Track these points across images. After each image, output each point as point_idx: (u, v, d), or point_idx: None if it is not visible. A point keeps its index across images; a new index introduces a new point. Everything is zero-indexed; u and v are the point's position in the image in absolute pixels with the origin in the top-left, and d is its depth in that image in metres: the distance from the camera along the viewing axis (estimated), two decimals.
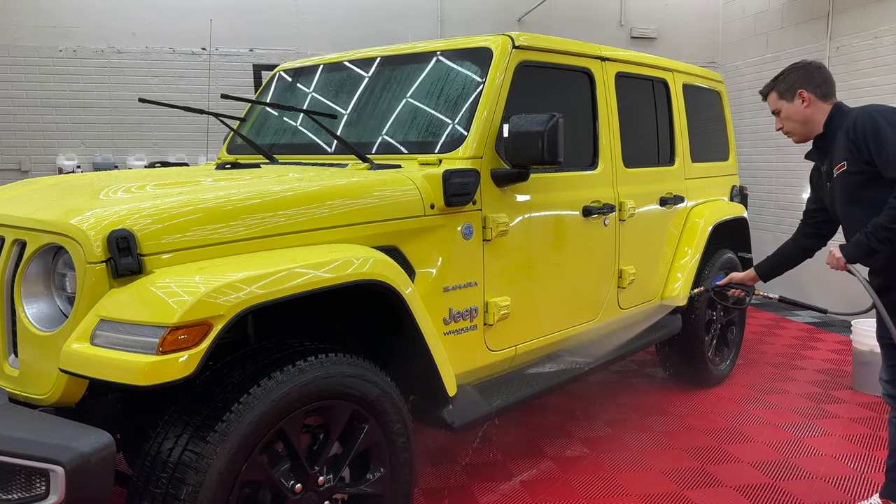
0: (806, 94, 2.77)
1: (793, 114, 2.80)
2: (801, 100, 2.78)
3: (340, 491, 2.28)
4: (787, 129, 2.86)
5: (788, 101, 2.81)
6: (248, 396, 1.95)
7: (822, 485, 3.29)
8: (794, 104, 2.79)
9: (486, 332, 2.95)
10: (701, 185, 4.52)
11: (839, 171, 2.66)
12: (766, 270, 3.19)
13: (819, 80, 2.79)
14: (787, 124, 2.85)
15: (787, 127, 2.86)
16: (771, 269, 3.18)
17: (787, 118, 2.83)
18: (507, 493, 3.20)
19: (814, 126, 2.78)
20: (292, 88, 3.81)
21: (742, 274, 3.25)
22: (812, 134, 2.81)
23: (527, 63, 3.15)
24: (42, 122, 7.06)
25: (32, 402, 2.01)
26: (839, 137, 2.68)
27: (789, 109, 2.80)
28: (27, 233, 2.10)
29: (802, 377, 4.89)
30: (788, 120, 2.83)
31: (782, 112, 2.83)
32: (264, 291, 1.96)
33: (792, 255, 3.12)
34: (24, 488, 1.75)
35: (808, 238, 3.08)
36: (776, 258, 3.17)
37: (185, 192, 2.22)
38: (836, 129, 2.71)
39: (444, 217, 2.73)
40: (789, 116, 2.82)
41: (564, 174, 3.34)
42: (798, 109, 2.79)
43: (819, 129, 2.78)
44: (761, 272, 3.19)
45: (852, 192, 2.66)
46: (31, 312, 2.05)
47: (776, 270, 3.18)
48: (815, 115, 2.77)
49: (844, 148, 2.63)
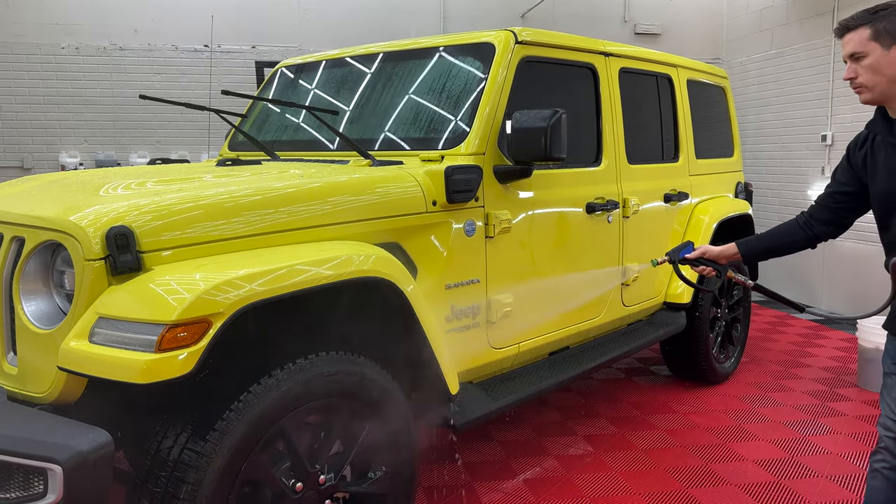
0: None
1: (884, 66, 2.11)
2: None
3: (342, 490, 2.26)
4: (865, 81, 2.16)
5: (884, 48, 2.11)
6: (249, 395, 1.94)
7: (828, 483, 3.26)
8: (890, 54, 2.10)
9: (489, 329, 2.93)
10: (705, 181, 4.49)
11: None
12: (751, 251, 2.58)
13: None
14: (868, 76, 2.14)
15: (865, 78, 2.15)
16: (759, 251, 2.58)
17: (874, 69, 2.12)
18: (511, 492, 3.18)
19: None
20: (294, 85, 3.79)
21: (718, 249, 2.60)
22: (892, 98, 2.17)
23: (530, 58, 3.12)
24: (44, 119, 7.05)
25: (31, 401, 2.00)
26: None
27: (881, 59, 2.10)
28: (26, 230, 2.08)
29: (808, 375, 4.86)
30: (873, 71, 2.13)
31: (868, 58, 2.12)
32: (265, 289, 1.94)
33: (794, 242, 2.53)
34: (22, 487, 1.73)
35: (824, 225, 2.46)
36: (770, 239, 2.56)
37: (185, 189, 2.21)
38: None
39: (446, 214, 2.71)
40: (878, 67, 2.11)
41: (568, 171, 3.31)
42: (893, 62, 2.10)
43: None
44: (745, 251, 2.57)
45: None
46: (30, 310, 2.03)
47: (765, 254, 2.60)
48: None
49: None
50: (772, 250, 2.56)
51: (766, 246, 2.54)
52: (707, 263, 2.60)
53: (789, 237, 2.51)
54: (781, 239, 2.53)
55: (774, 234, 2.55)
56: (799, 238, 2.50)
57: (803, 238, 2.49)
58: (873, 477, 2.20)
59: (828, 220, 2.44)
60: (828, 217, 2.44)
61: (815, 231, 2.46)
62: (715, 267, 2.60)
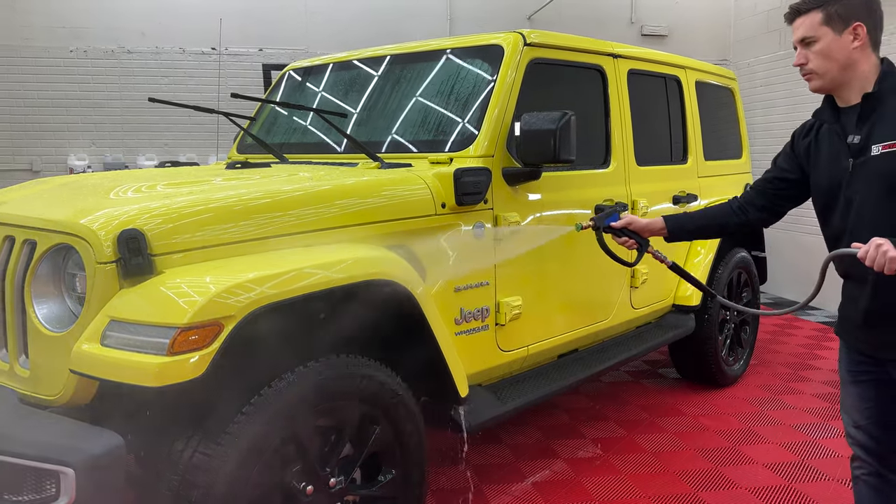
0: (863, 30, 1.99)
1: (835, 51, 2.00)
2: (853, 35, 1.99)
3: (352, 493, 2.26)
4: (816, 67, 2.04)
5: (835, 32, 2.00)
6: (260, 398, 1.94)
7: (839, 486, 3.24)
8: (842, 39, 1.99)
9: (498, 332, 2.93)
10: (714, 183, 4.47)
11: (889, 149, 1.94)
12: (679, 228, 2.47)
13: (878, 19, 2.05)
14: (819, 62, 2.02)
15: (815, 64, 2.04)
16: (687, 230, 2.48)
17: (824, 54, 2.01)
18: (519, 495, 3.17)
19: (853, 75, 2.02)
20: (302, 88, 3.80)
21: (644, 221, 2.50)
22: (843, 85, 2.05)
23: (538, 60, 3.12)
24: (53, 122, 7.08)
25: (43, 403, 2.00)
26: (891, 105, 1.97)
27: (832, 44, 2.00)
28: (37, 233, 2.09)
29: (817, 377, 4.83)
30: (824, 57, 2.01)
31: (819, 44, 2.01)
32: (275, 291, 1.94)
33: (724, 225, 2.42)
34: (34, 490, 1.74)
35: (759, 211, 2.35)
36: (700, 219, 2.46)
37: (195, 192, 2.21)
38: (888, 91, 1.99)
39: (455, 216, 2.71)
40: (828, 53, 2.01)
41: (576, 173, 3.30)
42: (845, 47, 2.00)
43: (857, 81, 2.02)
44: (672, 228, 2.46)
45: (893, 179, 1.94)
46: (42, 313, 2.04)
47: (693, 233, 2.52)
48: (860, 64, 2.01)
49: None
50: (700, 230, 2.50)
51: (696, 225, 2.47)
52: (630, 235, 2.50)
53: (721, 219, 2.42)
54: (711, 220, 2.44)
55: (705, 214, 2.47)
56: (730, 222, 2.40)
57: (735, 222, 2.40)
58: (855, 483, 2.19)
59: (763, 206, 2.35)
60: (763, 203, 2.35)
61: (748, 216, 2.37)
62: (638, 240, 2.49)
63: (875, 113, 1.99)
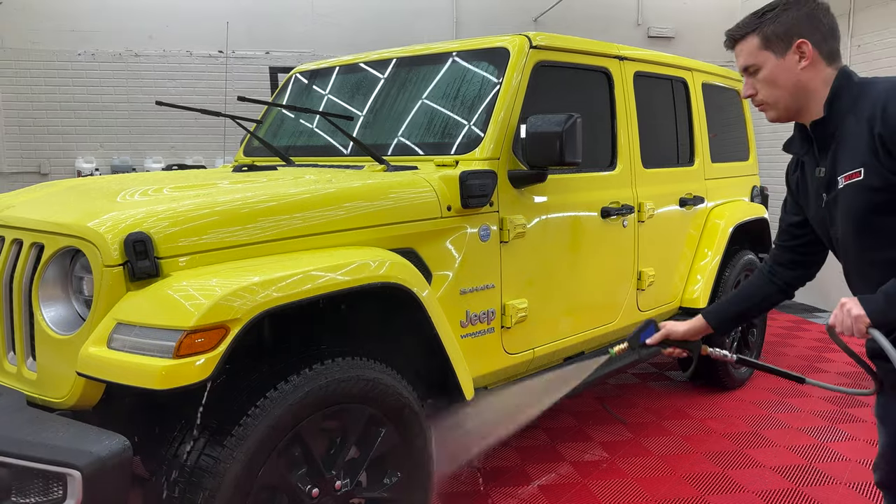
0: (809, 47, 1.73)
1: (781, 76, 1.76)
2: (798, 55, 1.74)
3: (358, 495, 2.26)
4: (765, 97, 1.80)
5: (777, 55, 1.75)
6: (265, 400, 1.94)
7: (847, 490, 3.22)
8: (786, 61, 1.75)
9: (504, 334, 2.92)
10: (721, 185, 4.46)
11: (850, 180, 1.70)
12: (721, 320, 2.16)
13: (827, 29, 1.76)
14: (767, 91, 1.79)
15: (764, 94, 1.79)
16: (730, 317, 2.17)
17: (770, 81, 1.77)
18: (526, 498, 3.16)
19: (808, 99, 1.77)
20: (308, 90, 3.81)
21: (684, 325, 2.16)
22: (801, 111, 1.80)
23: (544, 63, 3.12)
24: (61, 125, 7.13)
25: (50, 406, 2.01)
26: (851, 126, 1.70)
27: (776, 69, 1.75)
28: (45, 236, 2.10)
29: (825, 380, 4.81)
30: (771, 84, 1.77)
31: (762, 71, 1.77)
32: (281, 294, 1.94)
33: (765, 298, 2.13)
34: (41, 492, 1.75)
35: (792, 269, 2.07)
36: (739, 302, 2.17)
37: (201, 195, 2.22)
38: (844, 112, 1.72)
39: (460, 219, 2.71)
40: (774, 79, 1.76)
41: (582, 175, 3.30)
42: (791, 69, 1.74)
43: (817, 103, 1.77)
44: (715, 323, 2.15)
45: (867, 217, 1.70)
46: (49, 316, 2.05)
47: (737, 320, 2.19)
48: (814, 84, 1.75)
49: (864, 145, 1.67)
50: (743, 314, 2.18)
51: (736, 311, 2.16)
52: (674, 344, 2.19)
53: (759, 294, 2.13)
54: (751, 299, 2.15)
55: (742, 295, 2.18)
56: (770, 292, 2.11)
57: (774, 291, 2.11)
58: None
59: (793, 261, 2.06)
60: (792, 258, 2.06)
61: (784, 280, 2.08)
62: (685, 347, 2.20)
63: (834, 139, 1.75)
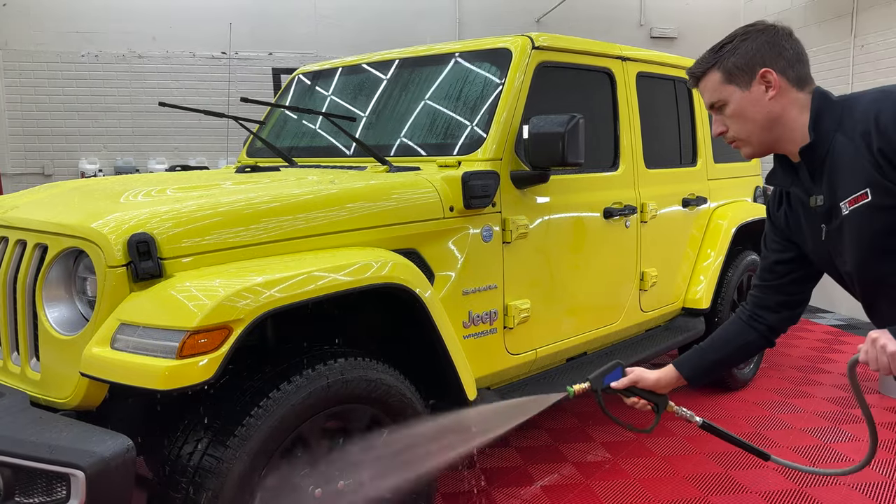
0: (774, 75, 1.65)
1: (749, 109, 1.68)
2: (763, 84, 1.66)
3: (361, 495, 2.26)
4: (737, 133, 1.72)
5: (742, 88, 1.68)
6: (268, 401, 1.94)
7: (850, 491, 3.22)
8: (752, 93, 1.67)
9: (506, 335, 2.92)
10: (724, 185, 4.46)
11: (856, 204, 1.58)
12: (696, 371, 2.00)
13: (792, 55, 1.68)
14: (738, 126, 1.71)
15: (735, 130, 1.72)
16: (705, 368, 2.00)
17: (739, 116, 1.69)
18: (529, 499, 3.16)
19: (783, 129, 1.68)
20: (311, 91, 3.81)
21: (654, 374, 2.01)
22: (777, 143, 1.71)
23: (547, 64, 3.12)
24: (65, 126, 7.15)
25: (53, 406, 2.02)
26: (843, 146, 1.60)
27: (743, 102, 1.68)
28: (48, 237, 2.10)
29: (828, 381, 4.80)
30: (740, 119, 1.70)
31: (729, 106, 1.70)
32: (284, 295, 1.95)
33: (745, 345, 1.96)
34: (44, 492, 1.75)
35: (775, 312, 1.91)
36: (715, 350, 1.99)
37: (204, 196, 2.22)
38: (832, 132, 1.63)
39: (463, 219, 2.71)
40: (742, 113, 1.69)
41: (585, 175, 3.30)
42: (759, 101, 1.67)
43: (794, 132, 1.68)
44: (689, 374, 1.99)
45: (885, 240, 1.57)
46: (53, 316, 2.06)
47: (712, 369, 2.01)
48: (787, 112, 1.67)
49: (864, 163, 1.55)
50: (720, 363, 2.01)
51: (712, 360, 1.99)
52: (640, 394, 2.02)
53: (738, 340, 1.96)
54: (728, 347, 1.97)
55: (718, 342, 2.00)
56: (750, 339, 1.95)
57: (755, 337, 1.95)
58: None
59: (779, 302, 1.91)
60: (777, 299, 1.91)
61: (767, 324, 1.93)
62: (650, 399, 2.02)
63: (826, 164, 1.64)
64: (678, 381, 2.01)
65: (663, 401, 2.02)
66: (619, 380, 2.02)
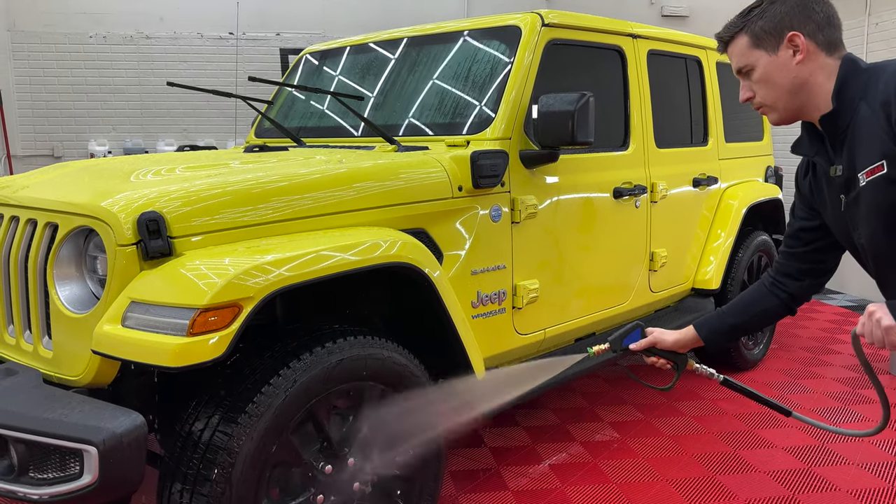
0: (802, 39, 1.62)
1: (776, 74, 1.64)
2: (791, 49, 1.63)
3: (370, 472, 2.28)
4: (763, 98, 1.69)
5: (769, 52, 1.64)
6: (278, 378, 1.96)
7: (859, 471, 3.22)
8: (779, 57, 1.64)
9: (515, 315, 2.92)
10: (735, 165, 4.42)
11: (872, 176, 1.56)
12: (714, 333, 2.01)
13: (822, 18, 1.64)
14: (764, 91, 1.68)
15: (762, 95, 1.69)
16: (724, 331, 2.02)
17: (766, 81, 1.66)
18: (537, 477, 3.18)
19: (809, 95, 1.65)
20: (319, 71, 3.80)
21: (673, 335, 2.03)
22: (804, 109, 1.68)
23: (556, 41, 3.09)
24: (74, 108, 7.16)
25: (66, 384, 2.04)
26: (865, 115, 1.57)
27: (769, 67, 1.65)
28: (59, 216, 2.11)
29: (838, 362, 4.79)
30: (767, 84, 1.67)
31: (756, 71, 1.67)
32: (293, 274, 1.95)
33: (764, 312, 1.97)
34: (58, 468, 1.77)
35: (798, 279, 1.91)
36: (735, 314, 2.01)
37: (213, 175, 2.22)
38: (856, 101, 1.59)
39: (472, 199, 2.70)
40: (768, 78, 1.66)
41: (595, 155, 3.28)
42: (786, 66, 1.63)
43: (821, 98, 1.64)
44: (707, 335, 2.01)
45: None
46: (64, 295, 2.07)
47: (731, 333, 2.02)
48: (815, 78, 1.64)
49: (882, 134, 1.53)
50: (738, 328, 2.01)
51: (731, 323, 2.00)
52: (660, 353, 2.05)
53: (759, 306, 1.97)
54: (748, 312, 1.98)
55: (738, 307, 2.01)
56: (770, 305, 1.96)
57: (776, 304, 1.95)
58: None
59: (801, 270, 1.91)
60: (800, 267, 1.90)
61: (789, 291, 1.93)
62: (670, 358, 2.05)
63: (847, 133, 1.61)
64: (696, 341, 2.03)
65: (682, 359, 2.06)
66: (639, 341, 2.06)
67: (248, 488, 1.90)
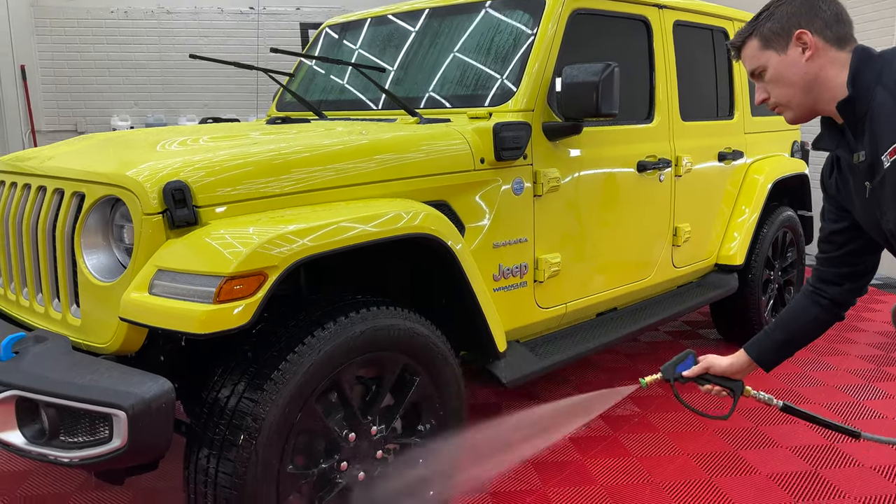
0: (809, 36, 1.65)
1: (786, 72, 1.68)
2: (800, 47, 1.67)
3: (392, 441, 2.30)
4: (778, 98, 1.73)
5: (779, 52, 1.69)
6: (303, 346, 1.97)
7: (871, 474, 3.19)
8: (788, 56, 1.68)
9: (536, 289, 2.92)
10: (761, 139, 4.35)
11: (894, 156, 1.57)
12: (766, 353, 2.00)
13: (830, 15, 1.67)
14: (778, 91, 1.72)
15: (777, 95, 1.73)
16: (775, 349, 2.01)
17: (778, 80, 1.71)
18: (557, 450, 3.19)
19: (822, 91, 1.67)
20: (339, 45, 3.78)
21: (726, 361, 2.03)
22: (818, 105, 1.70)
23: (581, 11, 3.04)
24: (96, 83, 7.20)
25: (94, 351, 2.07)
26: (883, 98, 1.57)
27: (780, 66, 1.69)
28: (85, 185, 2.13)
29: (862, 339, 4.73)
30: (779, 84, 1.71)
31: (768, 72, 1.72)
32: (317, 244, 1.96)
33: (814, 322, 1.97)
34: (88, 432, 1.81)
35: (838, 285, 1.92)
36: (784, 330, 2.00)
37: (236, 146, 2.23)
38: (872, 85, 1.60)
39: (494, 172, 2.68)
40: (780, 77, 1.70)
41: (619, 128, 3.24)
42: (796, 63, 1.67)
43: (834, 92, 1.66)
44: (759, 357, 2.01)
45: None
46: (91, 263, 2.09)
47: (784, 349, 2.01)
48: (825, 72, 1.66)
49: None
50: (788, 343, 2.00)
51: (778, 339, 2.00)
52: (714, 381, 2.04)
53: (803, 317, 1.97)
54: (793, 324, 1.98)
55: (783, 321, 2.01)
56: (814, 315, 1.96)
57: (819, 312, 1.95)
58: None
59: (838, 275, 1.91)
60: (837, 272, 1.91)
61: (828, 296, 1.93)
62: (724, 384, 2.02)
63: (866, 119, 1.61)
64: (750, 365, 2.02)
65: (738, 386, 2.02)
66: (692, 368, 2.08)
67: (273, 453, 1.93)
